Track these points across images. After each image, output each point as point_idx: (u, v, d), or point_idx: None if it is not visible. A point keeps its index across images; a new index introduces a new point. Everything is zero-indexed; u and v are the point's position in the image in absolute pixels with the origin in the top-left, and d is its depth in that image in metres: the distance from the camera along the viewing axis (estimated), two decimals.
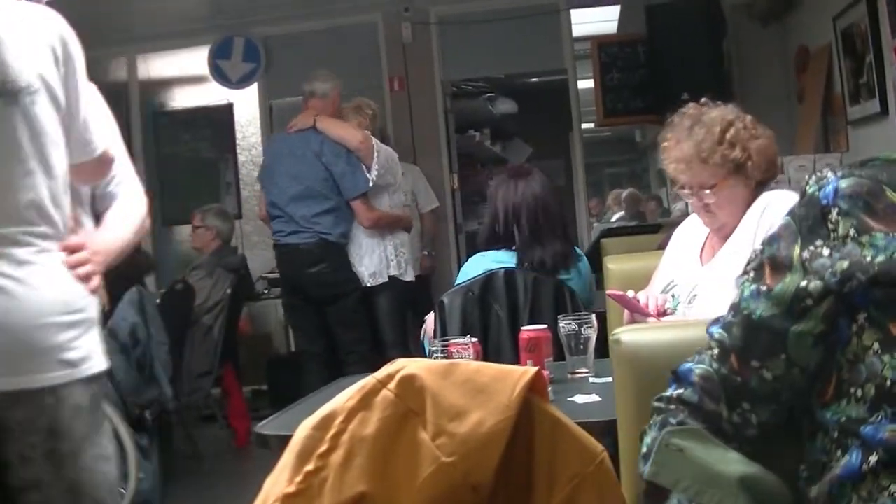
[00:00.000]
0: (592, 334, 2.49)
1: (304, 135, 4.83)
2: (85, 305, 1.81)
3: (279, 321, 6.68)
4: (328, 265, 4.77)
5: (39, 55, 1.77)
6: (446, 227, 6.67)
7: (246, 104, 7.15)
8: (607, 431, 1.67)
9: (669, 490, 1.30)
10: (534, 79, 8.38)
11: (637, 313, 2.49)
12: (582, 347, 2.48)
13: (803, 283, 1.28)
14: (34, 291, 1.74)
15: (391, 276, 4.89)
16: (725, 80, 6.05)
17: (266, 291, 6.63)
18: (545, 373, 2.21)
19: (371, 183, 4.80)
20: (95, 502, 1.81)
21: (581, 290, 3.09)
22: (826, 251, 1.27)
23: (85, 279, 1.83)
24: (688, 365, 1.38)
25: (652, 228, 5.85)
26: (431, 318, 3.09)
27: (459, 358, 2.22)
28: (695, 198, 2.42)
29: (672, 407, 1.36)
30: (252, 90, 7.06)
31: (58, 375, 1.75)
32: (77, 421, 1.77)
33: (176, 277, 5.56)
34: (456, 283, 3.15)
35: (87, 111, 1.89)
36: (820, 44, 5.29)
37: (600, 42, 6.88)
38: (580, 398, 2.20)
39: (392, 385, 1.28)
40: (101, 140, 1.94)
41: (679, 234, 2.67)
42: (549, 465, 1.30)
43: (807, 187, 1.33)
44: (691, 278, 2.48)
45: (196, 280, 5.32)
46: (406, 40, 6.74)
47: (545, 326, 2.53)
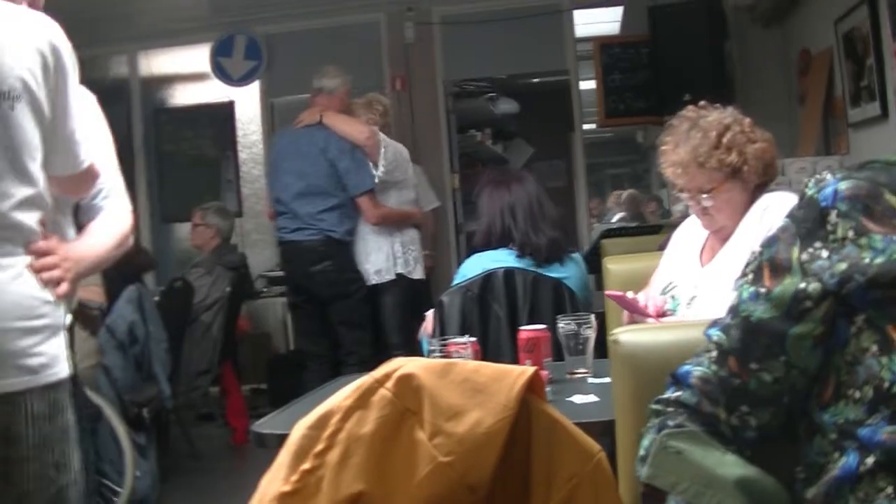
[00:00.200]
0: (591, 334, 2.48)
1: (310, 130, 4.79)
2: (48, 311, 1.76)
3: (279, 320, 6.67)
4: (332, 263, 4.70)
5: (25, 61, 1.73)
6: (447, 227, 6.67)
7: (247, 102, 7.14)
8: (606, 432, 1.67)
9: (667, 492, 1.30)
10: (536, 79, 8.37)
11: (636, 314, 2.49)
12: (581, 348, 2.48)
13: (802, 285, 1.28)
14: None
15: (398, 274, 4.81)
16: (727, 82, 6.05)
17: (266, 290, 6.62)
18: (544, 373, 2.21)
19: (377, 179, 4.74)
20: None
21: (578, 290, 3.10)
22: (825, 253, 1.27)
23: (51, 284, 1.78)
24: (686, 367, 1.38)
25: (652, 229, 5.85)
26: (430, 317, 3.09)
27: (458, 358, 2.22)
28: (693, 201, 2.42)
29: (670, 409, 1.36)
30: (253, 88, 7.05)
31: (14, 382, 1.70)
32: (32, 428, 1.72)
33: (175, 275, 5.55)
34: (454, 283, 3.15)
35: (76, 124, 1.85)
36: (821, 46, 5.28)
37: (602, 43, 6.87)
38: (578, 398, 2.19)
39: (389, 384, 1.28)
40: (88, 154, 1.89)
41: (679, 236, 2.67)
42: (547, 465, 1.30)
43: (806, 189, 1.33)
44: (691, 279, 2.48)
45: (195, 278, 5.31)
46: (408, 40, 6.73)
47: (544, 326, 2.52)
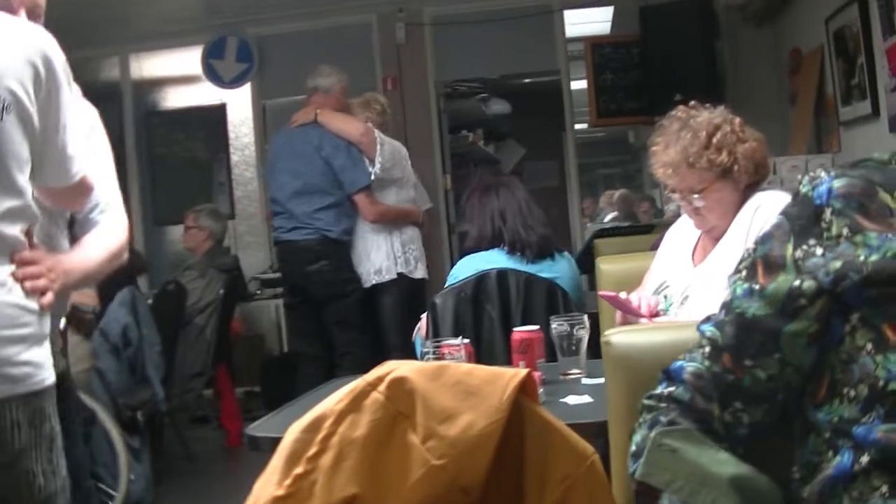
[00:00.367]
0: (584, 335, 2.49)
1: (305, 129, 4.77)
2: (31, 320, 1.75)
3: (272, 322, 6.66)
4: (329, 263, 4.67)
5: (16, 72, 1.71)
6: (439, 228, 6.66)
7: (239, 104, 7.13)
8: (599, 433, 1.67)
9: (661, 490, 1.29)
10: (527, 79, 8.36)
11: (629, 314, 2.49)
12: (574, 348, 2.48)
13: (796, 283, 1.28)
14: None
15: (399, 273, 4.76)
16: (718, 82, 6.06)
17: (259, 292, 6.61)
18: (537, 374, 2.21)
19: (373, 176, 4.71)
20: None
21: (570, 290, 3.10)
22: (819, 250, 1.27)
23: (36, 293, 1.77)
24: (679, 363, 1.38)
25: (645, 229, 5.86)
26: (425, 319, 3.09)
27: (451, 359, 2.22)
28: (684, 201, 2.42)
29: (663, 405, 1.36)
30: (245, 90, 7.04)
31: None
32: (11, 435, 1.71)
33: (168, 278, 5.54)
34: (446, 285, 3.15)
35: (69, 137, 1.83)
36: (812, 45, 5.30)
37: (594, 43, 6.87)
38: (572, 399, 2.19)
39: (382, 387, 1.28)
40: (81, 167, 1.88)
41: (671, 236, 2.67)
42: (540, 468, 1.30)
43: (800, 187, 1.33)
44: (683, 279, 2.49)
45: (188, 280, 5.30)
46: (400, 41, 6.73)
47: (537, 327, 2.53)
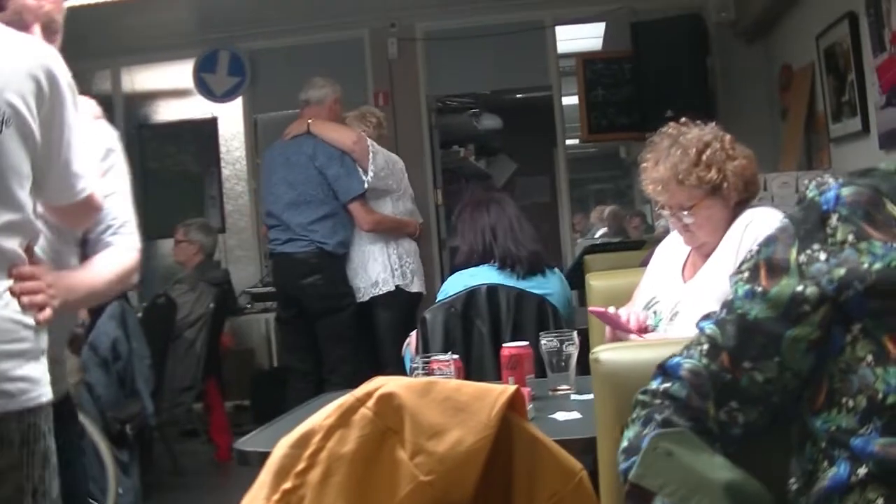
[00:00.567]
0: (574, 351, 2.49)
1: (298, 140, 4.77)
2: (27, 335, 1.73)
3: (262, 336, 6.64)
4: (323, 276, 4.65)
5: (17, 86, 1.70)
6: (430, 243, 6.66)
7: (230, 118, 7.13)
8: (588, 449, 1.67)
9: (653, 493, 1.28)
10: (519, 95, 8.39)
11: (618, 329, 2.49)
12: (563, 364, 2.48)
13: (800, 288, 1.27)
14: None
15: (397, 286, 4.72)
16: (710, 98, 6.09)
17: (249, 306, 6.60)
18: (526, 390, 2.21)
19: (367, 185, 4.69)
20: None
21: (561, 306, 3.10)
22: (823, 256, 1.27)
23: (34, 308, 1.75)
24: (676, 359, 1.37)
25: (635, 245, 5.87)
26: (415, 334, 3.09)
27: (441, 375, 2.22)
28: (674, 218, 2.43)
29: (657, 401, 1.35)
30: (237, 104, 7.04)
31: None
32: (8, 454, 1.68)
33: (158, 291, 5.52)
34: (437, 300, 3.15)
35: (74, 154, 1.82)
36: (803, 62, 5.33)
37: (585, 58, 6.89)
38: (561, 415, 2.19)
39: (370, 403, 1.28)
40: (87, 185, 1.87)
41: (661, 252, 2.68)
42: (528, 484, 1.30)
43: (807, 192, 1.34)
44: (673, 295, 2.49)
45: (178, 294, 5.29)
46: (392, 56, 6.74)
47: (527, 343, 2.53)
